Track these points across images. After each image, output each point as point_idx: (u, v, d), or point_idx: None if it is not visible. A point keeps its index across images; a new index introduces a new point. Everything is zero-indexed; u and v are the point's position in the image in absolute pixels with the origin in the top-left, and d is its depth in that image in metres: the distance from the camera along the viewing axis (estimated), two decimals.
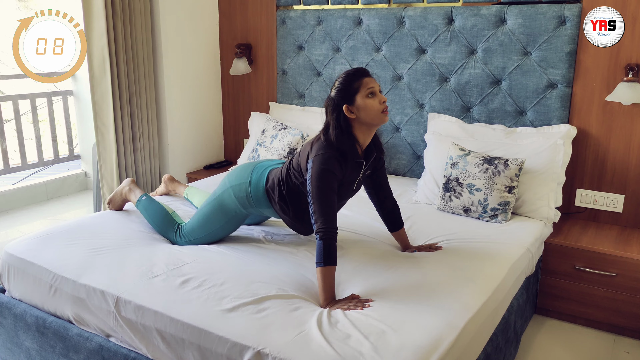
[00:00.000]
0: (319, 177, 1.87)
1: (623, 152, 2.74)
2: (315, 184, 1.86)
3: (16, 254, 2.15)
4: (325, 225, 1.81)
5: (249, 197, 2.15)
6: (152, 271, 1.95)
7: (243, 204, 2.18)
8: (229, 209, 2.20)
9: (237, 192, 2.17)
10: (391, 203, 2.22)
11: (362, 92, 1.91)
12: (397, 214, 2.23)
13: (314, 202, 1.86)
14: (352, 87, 1.91)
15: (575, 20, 2.68)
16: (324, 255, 1.78)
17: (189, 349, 1.66)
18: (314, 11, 3.44)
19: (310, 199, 1.88)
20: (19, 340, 2.12)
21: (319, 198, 1.85)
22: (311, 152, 1.94)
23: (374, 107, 1.91)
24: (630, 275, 2.45)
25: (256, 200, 2.15)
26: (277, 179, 2.10)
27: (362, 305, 1.71)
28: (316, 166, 1.88)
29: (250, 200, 2.15)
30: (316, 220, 1.83)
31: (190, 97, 3.77)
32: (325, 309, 1.72)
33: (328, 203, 1.85)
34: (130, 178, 2.61)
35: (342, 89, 1.92)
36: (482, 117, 3.02)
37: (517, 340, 2.31)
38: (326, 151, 1.90)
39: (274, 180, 2.11)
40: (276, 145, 3.16)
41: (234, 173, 2.25)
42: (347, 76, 1.94)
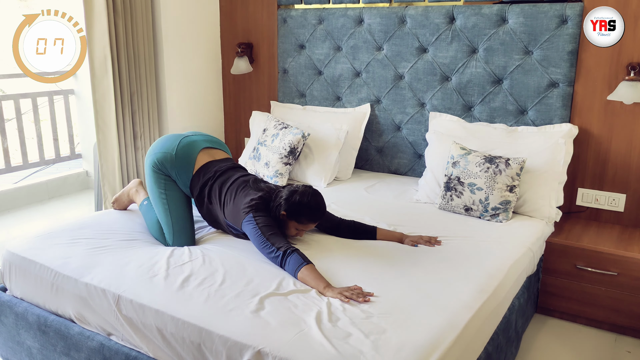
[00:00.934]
0: (262, 220, 2.07)
1: (624, 151, 2.74)
2: (262, 226, 2.05)
3: (17, 253, 2.16)
4: (285, 246, 1.96)
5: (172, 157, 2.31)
6: (152, 270, 1.95)
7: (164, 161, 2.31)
8: (157, 175, 2.32)
9: (161, 158, 2.32)
10: (346, 226, 2.32)
11: (299, 226, 2.14)
12: (361, 226, 2.32)
13: (268, 238, 2.01)
14: (301, 218, 2.11)
15: (576, 20, 2.68)
16: (300, 259, 1.90)
17: (190, 347, 1.66)
18: (315, 10, 3.44)
19: (263, 240, 2.01)
20: (20, 339, 2.13)
21: (271, 233, 2.03)
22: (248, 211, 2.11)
23: (291, 232, 2.17)
24: (631, 274, 2.44)
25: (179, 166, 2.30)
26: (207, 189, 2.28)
27: (363, 297, 1.72)
28: (258, 216, 2.08)
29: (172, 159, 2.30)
30: (277, 248, 1.97)
31: (191, 96, 3.77)
32: (325, 303, 1.72)
33: (278, 234, 2.04)
34: (138, 179, 2.61)
35: (296, 211, 2.10)
36: (483, 116, 3.01)
37: (518, 340, 2.31)
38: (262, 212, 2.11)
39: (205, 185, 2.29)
40: (277, 144, 3.16)
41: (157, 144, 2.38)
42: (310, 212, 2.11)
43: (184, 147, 2.34)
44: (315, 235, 2.30)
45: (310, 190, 2.15)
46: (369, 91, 3.34)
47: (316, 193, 2.16)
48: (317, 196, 2.15)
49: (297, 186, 2.17)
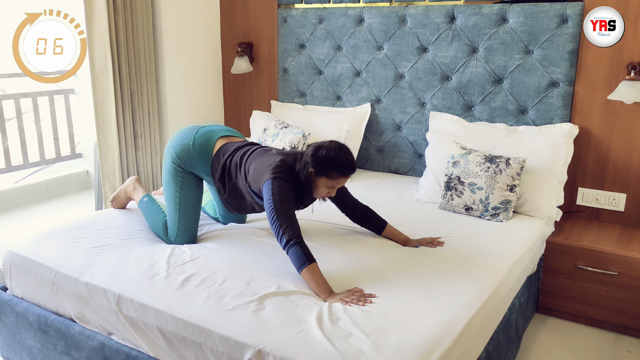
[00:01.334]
0: (279, 192, 1.96)
1: (625, 150, 2.74)
2: (277, 199, 1.95)
3: (18, 252, 2.16)
4: (293, 232, 1.89)
5: (190, 150, 2.25)
6: (153, 269, 1.95)
7: (182, 156, 2.26)
8: (175, 172, 2.27)
9: (179, 152, 2.26)
10: (361, 209, 2.29)
11: (329, 182, 2.03)
12: (373, 215, 2.29)
13: (277, 215, 1.93)
14: (330, 173, 2.00)
15: (577, 19, 2.68)
16: (303, 256, 1.85)
17: (190, 347, 1.66)
18: (315, 10, 3.44)
19: (273, 214, 1.93)
20: (21, 339, 2.13)
21: (282, 211, 1.93)
22: (268, 173, 2.02)
23: (321, 192, 2.06)
24: (631, 274, 2.44)
25: (198, 155, 2.25)
26: (227, 166, 2.20)
27: (364, 300, 1.72)
28: (276, 185, 1.97)
29: (191, 150, 2.25)
30: (284, 231, 1.90)
31: (191, 95, 3.77)
32: (326, 303, 1.72)
33: (290, 214, 1.94)
34: (135, 176, 2.61)
35: (325, 164, 1.99)
36: (483, 115, 3.01)
37: (519, 339, 2.31)
38: (282, 175, 2.00)
39: (226, 163, 2.21)
40: (277, 143, 3.16)
41: (176, 137, 2.33)
42: (338, 164, 2.00)
43: (202, 135, 2.30)
44: (317, 232, 2.30)
45: (336, 143, 2.04)
46: (369, 91, 3.34)
47: (343, 146, 2.04)
48: (344, 148, 2.04)
49: (322, 142, 2.06)
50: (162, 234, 2.30)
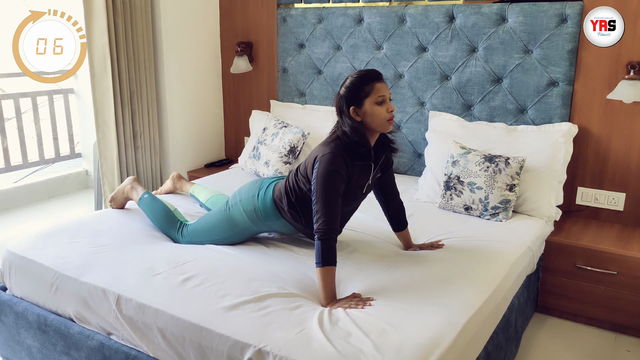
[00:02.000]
0: (324, 175, 1.84)
1: (624, 150, 2.74)
2: (320, 182, 1.84)
3: (17, 252, 2.16)
4: (325, 226, 1.80)
5: (257, 210, 2.13)
6: (153, 269, 1.95)
7: (252, 219, 2.15)
8: (237, 223, 2.18)
9: (246, 207, 2.15)
10: (397, 204, 2.21)
11: (372, 98, 1.87)
12: (403, 214, 2.22)
13: (317, 200, 1.84)
14: (363, 90, 1.87)
15: (576, 19, 2.68)
16: (322, 256, 1.78)
17: (190, 347, 1.66)
18: (314, 9, 3.44)
19: (314, 197, 1.86)
20: (20, 338, 2.13)
21: (323, 197, 1.83)
22: (319, 151, 1.92)
23: (381, 115, 1.88)
24: (631, 273, 2.45)
25: (264, 213, 2.12)
26: (284, 189, 2.07)
27: (363, 304, 1.71)
28: (322, 165, 1.86)
29: (259, 213, 2.13)
30: (317, 220, 1.82)
31: (191, 95, 3.77)
32: (327, 308, 1.72)
33: (331, 203, 1.83)
34: (133, 176, 2.61)
35: (353, 89, 1.88)
36: (483, 115, 3.01)
37: (518, 339, 2.31)
38: (334, 150, 1.88)
39: (280, 190, 2.09)
40: (277, 143, 3.16)
41: (244, 188, 2.24)
42: (360, 78, 1.89)
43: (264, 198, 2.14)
44: None
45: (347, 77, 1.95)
46: None
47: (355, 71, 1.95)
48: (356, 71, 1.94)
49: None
50: (167, 228, 2.29)
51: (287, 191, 2.06)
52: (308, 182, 1.97)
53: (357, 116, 1.89)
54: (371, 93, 1.87)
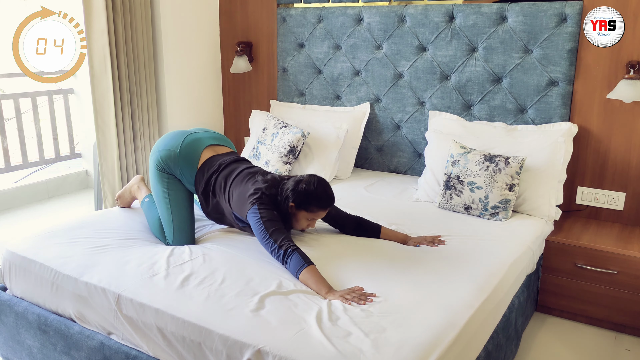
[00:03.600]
0: (266, 214, 2.04)
1: (624, 149, 2.74)
2: (266, 219, 2.02)
3: (18, 252, 2.16)
4: (286, 243, 1.95)
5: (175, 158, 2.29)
6: (153, 269, 1.95)
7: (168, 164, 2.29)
8: (161, 175, 2.31)
9: (165, 157, 2.30)
10: (352, 221, 2.32)
11: (309, 216, 2.12)
12: (366, 223, 2.32)
13: (270, 233, 1.99)
14: (310, 207, 2.09)
15: (576, 18, 2.68)
16: (302, 261, 1.88)
17: (190, 346, 1.66)
18: (314, 9, 3.44)
19: (265, 234, 2.00)
20: (20, 338, 2.13)
21: (274, 229, 2.00)
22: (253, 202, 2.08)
23: (301, 225, 2.16)
24: (631, 272, 2.45)
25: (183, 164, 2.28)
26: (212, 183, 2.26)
27: (364, 299, 1.72)
28: (262, 209, 2.05)
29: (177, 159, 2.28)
30: (280, 245, 1.95)
31: (190, 95, 3.77)
32: (326, 302, 1.72)
33: (279, 228, 2.01)
34: (140, 175, 2.61)
35: (306, 198, 2.08)
36: (482, 114, 3.01)
37: (518, 338, 2.31)
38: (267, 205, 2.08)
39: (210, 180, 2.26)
40: (277, 143, 3.16)
41: (162, 141, 2.36)
42: (318, 199, 2.09)
43: (188, 144, 2.32)
44: (316, 235, 2.30)
45: (315, 178, 2.13)
46: (368, 90, 3.34)
47: (321, 180, 2.14)
48: (323, 182, 2.13)
49: (302, 176, 2.16)
50: (160, 236, 2.31)
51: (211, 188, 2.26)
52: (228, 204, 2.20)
53: (291, 208, 2.11)
54: (312, 213, 2.11)
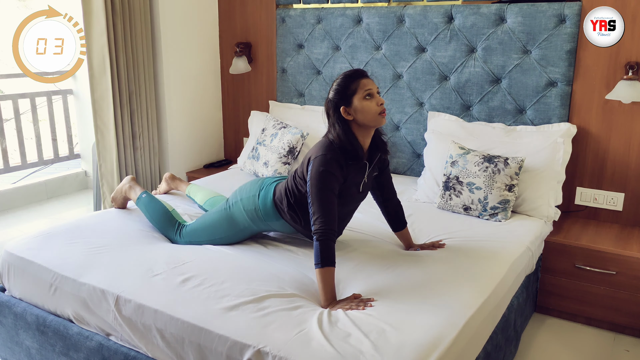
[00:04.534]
0: (318, 177, 1.87)
1: (623, 150, 2.74)
2: (314, 184, 1.86)
3: (16, 253, 2.15)
4: (323, 226, 1.81)
5: (257, 210, 2.14)
6: (152, 270, 1.95)
7: (252, 218, 2.16)
8: (237, 222, 2.18)
9: (247, 206, 2.16)
10: (395, 204, 2.22)
11: (360, 94, 1.90)
12: (401, 214, 2.22)
13: (312, 202, 1.86)
14: (349, 88, 1.90)
15: (575, 19, 2.68)
16: (321, 257, 1.79)
17: (189, 347, 1.66)
18: (313, 10, 3.44)
19: (310, 199, 1.87)
20: (19, 339, 2.13)
21: (318, 198, 1.85)
22: (312, 154, 1.94)
23: (371, 109, 1.90)
24: (630, 273, 2.45)
25: (265, 213, 2.13)
26: (284, 190, 2.09)
27: (363, 305, 1.71)
28: (315, 167, 1.88)
29: (259, 213, 2.14)
30: (314, 222, 1.83)
31: (190, 96, 3.77)
32: (326, 309, 1.72)
33: (327, 204, 1.85)
34: (131, 176, 2.60)
35: (340, 90, 1.92)
36: (482, 115, 3.01)
37: (517, 339, 2.31)
38: (326, 152, 1.90)
39: (281, 191, 2.10)
40: (276, 144, 3.16)
41: (244, 187, 2.24)
42: (345, 78, 1.93)
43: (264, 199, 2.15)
44: None
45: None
46: None
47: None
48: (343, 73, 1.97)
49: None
50: (165, 228, 2.28)
51: (286, 193, 2.07)
52: (305, 184, 1.99)
53: (349, 115, 1.92)
54: (358, 89, 1.90)
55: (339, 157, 1.90)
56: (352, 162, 1.94)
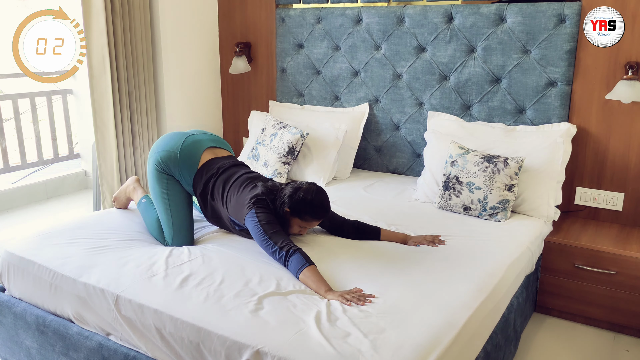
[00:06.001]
0: (264, 217, 2.04)
1: (623, 150, 2.74)
2: (264, 223, 2.03)
3: (16, 253, 2.15)
4: (287, 245, 1.95)
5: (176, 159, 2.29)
6: (151, 270, 1.95)
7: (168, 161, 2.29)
8: (160, 175, 2.31)
9: (164, 157, 2.30)
10: (350, 224, 2.31)
11: (302, 223, 2.13)
12: (365, 226, 2.31)
13: (270, 237, 1.99)
14: (303, 215, 2.10)
15: (574, 19, 2.68)
16: (303, 260, 1.88)
17: (188, 347, 1.66)
18: (313, 9, 3.44)
19: (265, 237, 2.00)
20: (19, 339, 2.13)
21: (273, 232, 2.00)
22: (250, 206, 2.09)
23: (294, 230, 2.16)
24: (629, 273, 2.45)
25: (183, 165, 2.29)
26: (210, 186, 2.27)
27: (363, 299, 1.72)
28: (259, 213, 2.06)
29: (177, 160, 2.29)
30: (280, 246, 1.95)
31: (189, 95, 3.77)
32: (325, 302, 1.72)
33: (280, 232, 2.02)
34: (135, 177, 2.61)
35: (300, 207, 2.09)
36: (481, 115, 3.01)
37: (517, 339, 2.31)
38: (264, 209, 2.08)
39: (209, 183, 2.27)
40: (276, 144, 3.16)
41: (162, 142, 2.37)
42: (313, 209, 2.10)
43: (188, 145, 2.33)
44: (315, 236, 2.30)
45: (314, 187, 2.14)
46: (367, 90, 3.35)
47: (320, 190, 2.15)
48: (320, 193, 2.14)
49: (302, 183, 2.17)
50: (158, 237, 2.30)
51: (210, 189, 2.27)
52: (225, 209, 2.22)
53: (285, 214, 2.12)
54: (305, 221, 2.13)
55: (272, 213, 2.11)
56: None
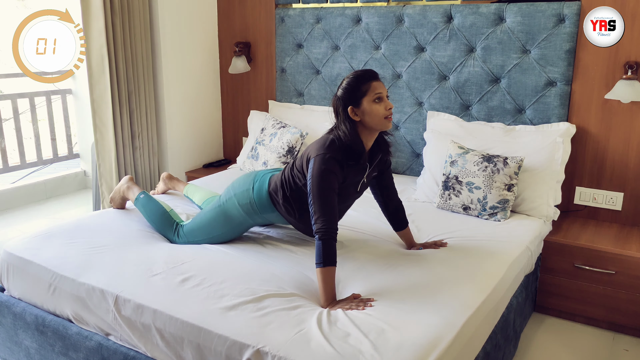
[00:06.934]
0: (319, 176, 1.85)
1: (622, 150, 2.74)
2: (316, 183, 1.85)
3: (15, 253, 2.15)
4: (324, 225, 1.80)
5: (252, 203, 2.14)
6: (151, 270, 1.95)
7: (247, 212, 2.16)
8: (232, 217, 2.18)
9: (241, 200, 2.16)
10: (396, 204, 2.21)
11: (370, 97, 1.89)
12: (402, 214, 2.22)
13: (314, 201, 1.85)
14: (359, 89, 1.89)
15: (574, 19, 2.68)
16: (323, 256, 1.78)
17: (188, 347, 1.66)
18: (313, 9, 3.44)
19: (310, 198, 1.87)
20: (18, 339, 2.12)
21: (319, 197, 1.84)
22: (312, 151, 1.93)
23: (379, 112, 1.89)
24: (629, 273, 2.45)
25: (260, 205, 2.13)
26: (279, 182, 2.09)
27: (363, 305, 1.71)
28: (317, 165, 1.87)
29: (254, 206, 2.14)
30: (316, 221, 1.82)
31: (189, 95, 3.77)
32: (326, 309, 1.72)
33: (328, 203, 1.84)
34: (129, 176, 2.60)
35: (350, 89, 1.90)
36: (481, 115, 3.01)
37: (517, 338, 2.32)
38: (327, 151, 1.88)
39: (276, 183, 2.10)
40: (275, 143, 3.16)
41: (237, 182, 2.24)
42: (356, 78, 1.92)
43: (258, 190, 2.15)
44: None
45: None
46: None
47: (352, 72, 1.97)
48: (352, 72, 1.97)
49: None
50: (163, 228, 2.28)
51: (282, 185, 2.07)
52: (303, 177, 1.99)
53: (356, 116, 1.91)
54: (368, 92, 1.88)
55: (340, 157, 1.90)
56: (352, 162, 1.94)
